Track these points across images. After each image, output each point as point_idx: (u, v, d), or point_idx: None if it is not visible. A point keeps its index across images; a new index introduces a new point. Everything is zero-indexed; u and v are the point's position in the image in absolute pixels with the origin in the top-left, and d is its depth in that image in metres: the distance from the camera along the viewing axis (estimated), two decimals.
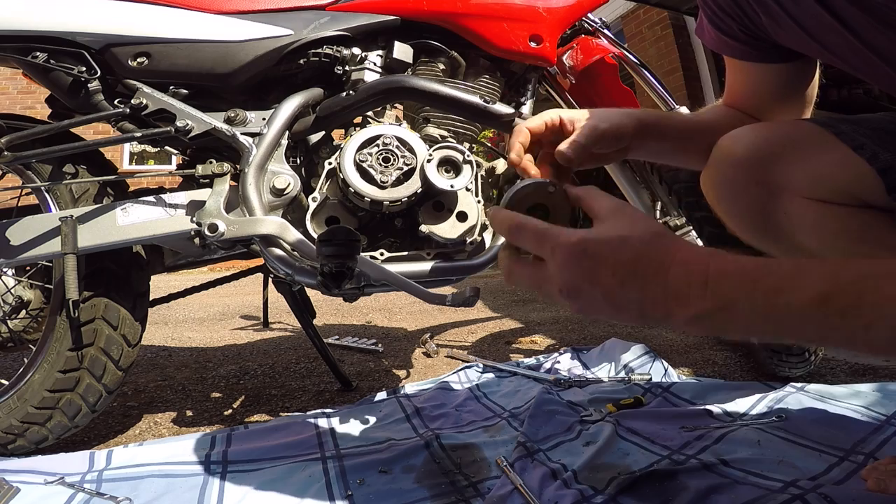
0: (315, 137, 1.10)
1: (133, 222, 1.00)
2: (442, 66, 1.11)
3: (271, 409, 1.30)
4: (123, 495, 0.81)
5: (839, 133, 0.63)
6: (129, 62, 1.03)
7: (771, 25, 0.62)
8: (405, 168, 0.99)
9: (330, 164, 1.03)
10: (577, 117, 0.66)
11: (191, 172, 1.02)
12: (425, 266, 0.99)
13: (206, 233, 0.93)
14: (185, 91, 1.06)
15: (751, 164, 0.66)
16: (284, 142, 1.03)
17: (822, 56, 0.61)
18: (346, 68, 1.07)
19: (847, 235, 0.64)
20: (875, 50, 0.54)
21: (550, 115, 0.66)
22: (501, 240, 1.07)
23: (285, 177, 1.00)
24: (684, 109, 1.21)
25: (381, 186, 0.98)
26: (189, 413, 1.29)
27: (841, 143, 0.62)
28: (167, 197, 1.02)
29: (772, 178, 0.65)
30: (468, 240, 1.03)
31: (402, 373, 1.59)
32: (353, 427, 1.06)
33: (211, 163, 1.02)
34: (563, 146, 0.62)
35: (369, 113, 1.10)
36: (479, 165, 1.08)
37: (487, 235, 1.08)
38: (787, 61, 0.68)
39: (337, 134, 1.15)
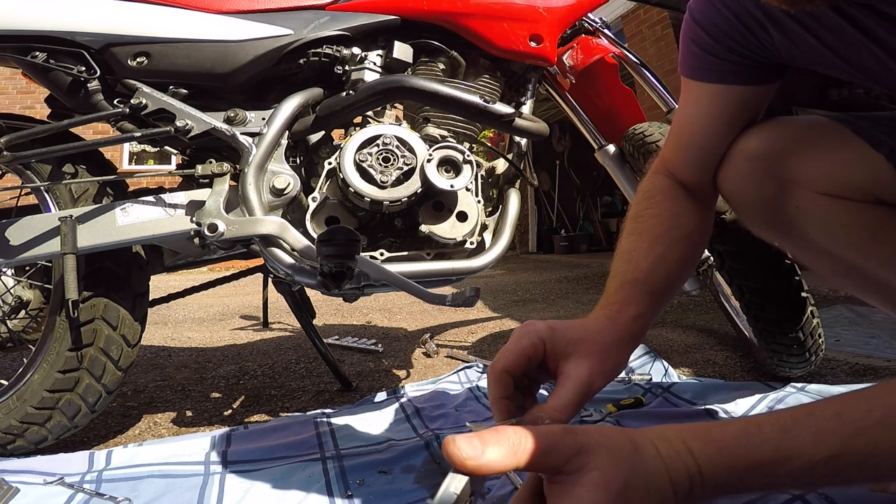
0: (315, 137, 1.10)
1: (133, 222, 1.00)
2: (442, 66, 1.11)
3: (271, 409, 1.29)
4: (123, 495, 0.81)
5: (857, 129, 0.62)
6: (129, 62, 1.03)
7: (785, 45, 0.61)
8: (405, 168, 0.99)
9: (330, 163, 1.03)
10: (556, 336, 0.54)
11: (190, 172, 1.02)
12: (425, 266, 0.99)
13: (206, 233, 0.93)
14: (184, 91, 1.06)
15: (765, 159, 0.66)
16: (284, 142, 1.03)
17: (844, 73, 0.59)
18: (346, 68, 1.07)
19: (859, 231, 0.63)
20: None
21: (530, 342, 0.54)
22: (502, 240, 1.07)
23: (285, 177, 1.00)
24: None
25: (381, 186, 0.98)
26: (189, 413, 1.29)
27: (857, 139, 0.62)
28: (167, 197, 1.02)
29: (785, 173, 0.65)
30: (468, 240, 1.03)
31: (402, 373, 1.59)
32: (353, 427, 1.06)
33: (210, 163, 1.01)
34: (557, 413, 0.51)
35: (369, 113, 1.10)
36: (479, 165, 1.08)
37: (487, 236, 1.08)
38: (768, 83, 0.67)
39: (337, 134, 1.15)
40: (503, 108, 1.02)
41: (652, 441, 0.43)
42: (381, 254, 1.00)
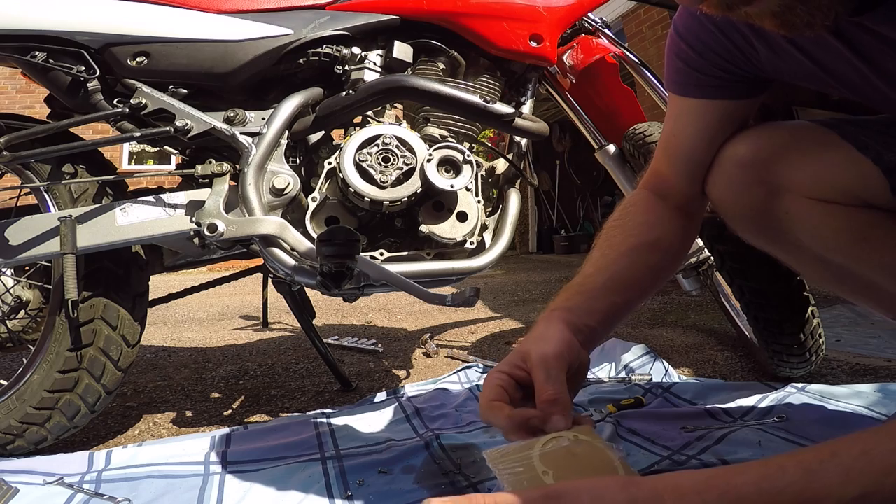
0: (315, 137, 1.10)
1: (132, 222, 1.00)
2: (442, 66, 1.11)
3: (271, 410, 1.29)
4: (122, 496, 0.81)
5: (843, 133, 0.63)
6: (129, 62, 1.03)
7: (770, 59, 0.61)
8: (405, 168, 0.99)
9: (330, 163, 1.03)
10: (523, 360, 0.58)
11: (190, 172, 1.01)
12: (425, 266, 0.99)
13: (206, 233, 0.93)
14: (184, 91, 1.06)
15: (754, 164, 0.66)
16: (284, 141, 1.03)
17: (829, 87, 0.60)
18: (346, 68, 1.07)
19: (848, 235, 0.63)
20: (891, 80, 0.53)
21: (499, 380, 0.57)
22: (502, 240, 1.06)
23: (285, 176, 1.00)
24: None
25: (381, 186, 0.98)
26: (188, 413, 1.29)
27: (845, 143, 0.62)
28: (166, 197, 1.02)
29: (774, 178, 0.65)
30: (468, 240, 1.03)
31: (402, 373, 1.59)
32: (353, 427, 1.06)
33: (210, 162, 1.01)
34: (557, 421, 0.53)
35: (369, 113, 1.10)
36: (479, 165, 1.08)
37: (487, 236, 1.08)
38: (752, 97, 0.68)
39: (337, 134, 1.15)
40: (503, 107, 1.02)
41: (660, 495, 0.41)
42: (381, 254, 1.00)
